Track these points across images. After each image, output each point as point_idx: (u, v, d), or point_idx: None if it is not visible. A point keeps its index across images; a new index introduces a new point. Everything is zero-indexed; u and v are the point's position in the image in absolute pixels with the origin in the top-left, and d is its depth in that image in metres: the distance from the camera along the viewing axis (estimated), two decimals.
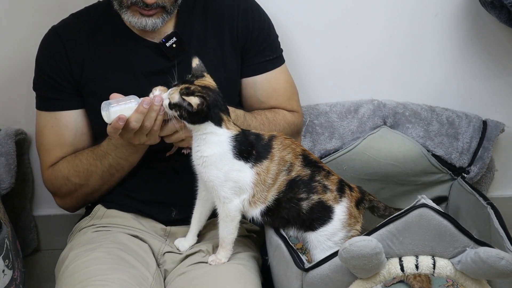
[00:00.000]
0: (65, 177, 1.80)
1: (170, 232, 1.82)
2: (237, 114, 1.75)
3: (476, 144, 2.10)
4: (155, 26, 1.72)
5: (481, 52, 2.17)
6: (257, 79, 1.88)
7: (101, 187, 1.81)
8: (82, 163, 1.78)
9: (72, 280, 1.56)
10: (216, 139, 1.56)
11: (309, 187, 1.59)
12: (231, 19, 1.84)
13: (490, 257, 1.34)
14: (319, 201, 1.59)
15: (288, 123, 1.87)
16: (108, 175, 1.78)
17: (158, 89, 1.59)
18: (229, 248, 1.65)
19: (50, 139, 1.82)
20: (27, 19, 2.05)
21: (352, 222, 1.61)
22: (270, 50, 1.88)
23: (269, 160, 1.58)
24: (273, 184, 1.58)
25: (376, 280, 1.44)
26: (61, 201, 1.89)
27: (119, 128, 1.56)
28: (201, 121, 1.54)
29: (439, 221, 1.39)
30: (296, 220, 1.60)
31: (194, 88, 1.53)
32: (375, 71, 2.18)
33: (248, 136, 1.60)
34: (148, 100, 1.55)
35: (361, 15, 2.13)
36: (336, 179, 1.63)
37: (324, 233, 1.59)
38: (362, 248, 1.36)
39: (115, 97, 1.59)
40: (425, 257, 1.42)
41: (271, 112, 1.86)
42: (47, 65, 1.80)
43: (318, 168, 1.62)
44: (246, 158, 1.57)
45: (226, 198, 1.58)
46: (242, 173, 1.57)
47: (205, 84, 1.57)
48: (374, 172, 2.06)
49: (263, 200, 1.59)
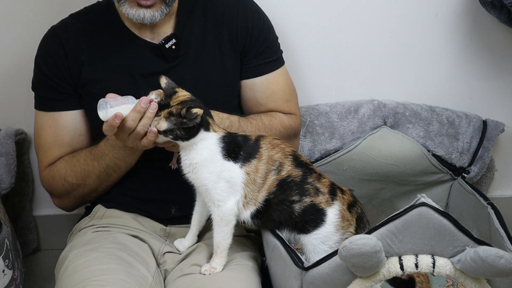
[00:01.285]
0: (62, 177, 1.80)
1: (170, 233, 1.82)
2: (232, 120, 1.75)
3: (476, 144, 2.10)
4: (153, 19, 1.70)
5: (481, 52, 2.17)
6: (256, 81, 1.87)
7: (98, 187, 1.81)
8: (80, 163, 1.78)
9: (72, 280, 1.56)
10: (206, 144, 1.56)
11: (302, 189, 1.59)
12: (231, 20, 1.84)
13: (490, 256, 1.34)
14: (311, 203, 1.59)
15: (284, 127, 1.86)
16: (105, 175, 1.78)
17: (154, 94, 1.58)
18: (224, 255, 1.63)
19: (48, 139, 1.82)
20: (26, 19, 2.05)
21: (345, 225, 1.60)
22: (269, 52, 1.88)
23: (257, 160, 1.58)
24: (263, 184, 1.58)
25: (376, 279, 1.44)
26: (58, 201, 1.89)
27: (115, 126, 1.54)
28: (196, 133, 1.54)
29: (439, 220, 1.39)
30: (288, 222, 1.60)
31: (176, 110, 1.52)
32: (375, 71, 2.18)
33: (235, 137, 1.60)
34: (146, 100, 1.53)
35: (361, 15, 2.13)
36: (327, 182, 1.62)
37: (318, 236, 1.59)
38: (362, 246, 1.36)
39: (112, 97, 1.58)
40: (425, 256, 1.42)
41: (267, 116, 1.85)
42: (46, 65, 1.80)
43: (309, 170, 1.62)
44: (235, 158, 1.57)
45: (220, 201, 1.58)
46: (233, 173, 1.57)
47: (179, 99, 1.55)
48: (374, 172, 2.06)
49: (254, 201, 1.59)
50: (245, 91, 1.88)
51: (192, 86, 1.76)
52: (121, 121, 1.54)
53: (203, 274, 1.62)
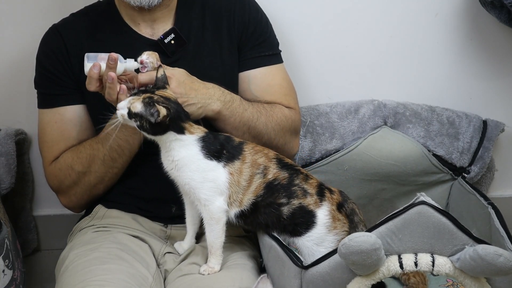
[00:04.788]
0: (69, 166, 1.79)
1: (170, 234, 1.83)
2: (233, 97, 1.75)
3: (476, 144, 2.10)
4: (151, 2, 1.72)
5: (481, 52, 2.17)
6: (251, 73, 1.88)
7: (104, 175, 1.79)
8: (85, 148, 1.78)
9: (72, 280, 1.56)
10: (181, 144, 1.56)
11: (289, 191, 1.59)
12: (229, 14, 1.85)
13: (488, 254, 1.34)
14: (300, 206, 1.58)
15: (285, 116, 1.86)
16: (109, 160, 1.76)
17: (145, 54, 1.60)
18: (219, 253, 1.63)
19: (53, 135, 1.82)
20: (27, 19, 2.06)
21: (338, 224, 1.60)
22: (265, 46, 1.89)
23: (241, 161, 1.58)
24: (248, 187, 1.58)
25: (375, 277, 1.44)
26: (66, 198, 1.87)
27: (93, 76, 1.56)
28: (162, 133, 1.54)
29: (438, 218, 1.39)
30: (275, 225, 1.60)
31: (157, 98, 1.51)
32: (375, 71, 2.18)
33: (217, 136, 1.60)
34: (113, 57, 1.55)
35: (361, 15, 2.13)
36: (315, 183, 1.62)
37: (311, 238, 1.59)
38: (361, 243, 1.36)
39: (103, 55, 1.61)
40: (424, 254, 1.42)
41: (269, 104, 1.86)
42: (48, 61, 1.81)
43: (295, 171, 1.62)
44: (217, 157, 1.57)
45: (207, 200, 1.58)
46: (217, 172, 1.57)
47: (166, 95, 1.55)
48: (375, 172, 2.06)
49: (239, 203, 1.59)
50: (241, 84, 1.89)
51: None
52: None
53: (202, 274, 1.63)
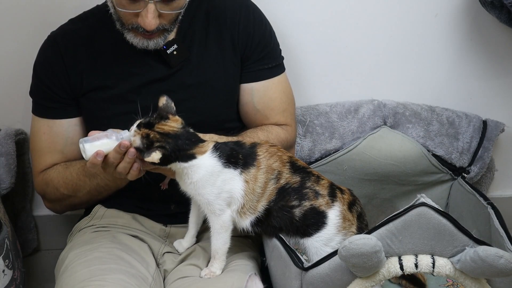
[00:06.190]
0: (55, 187, 1.81)
1: (170, 233, 1.82)
2: (229, 139, 1.72)
3: (476, 144, 2.10)
4: (157, 45, 1.70)
5: (481, 52, 2.17)
6: (254, 86, 1.87)
7: (89, 200, 1.83)
8: (72, 177, 1.78)
9: (72, 280, 1.56)
10: (196, 167, 1.54)
11: (300, 194, 1.59)
12: (233, 25, 1.83)
13: (489, 255, 1.34)
14: (311, 207, 1.58)
15: (281, 142, 1.84)
16: (96, 192, 1.79)
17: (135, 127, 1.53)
18: (223, 259, 1.64)
19: (42, 145, 1.83)
20: (26, 20, 2.05)
21: (347, 225, 1.60)
22: (270, 58, 1.87)
23: (256, 168, 1.57)
24: (262, 194, 1.58)
25: (376, 279, 1.44)
26: (50, 205, 1.91)
27: (97, 163, 1.54)
28: (168, 164, 1.53)
29: (439, 220, 1.39)
30: (289, 227, 1.60)
31: (153, 137, 1.50)
32: (375, 71, 2.18)
33: (226, 143, 1.59)
34: (124, 144, 1.51)
35: (361, 15, 2.13)
36: (326, 184, 1.62)
37: (320, 239, 1.59)
38: (361, 246, 1.36)
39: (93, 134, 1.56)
40: (425, 256, 1.42)
41: (263, 131, 1.84)
42: (44, 73, 1.80)
43: (307, 174, 1.61)
44: (235, 163, 1.56)
45: (221, 210, 1.58)
46: (234, 181, 1.56)
47: (164, 130, 1.52)
48: (374, 172, 2.06)
49: (253, 210, 1.59)
50: (243, 96, 1.88)
51: (193, 91, 1.77)
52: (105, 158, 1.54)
53: (203, 277, 1.63)
